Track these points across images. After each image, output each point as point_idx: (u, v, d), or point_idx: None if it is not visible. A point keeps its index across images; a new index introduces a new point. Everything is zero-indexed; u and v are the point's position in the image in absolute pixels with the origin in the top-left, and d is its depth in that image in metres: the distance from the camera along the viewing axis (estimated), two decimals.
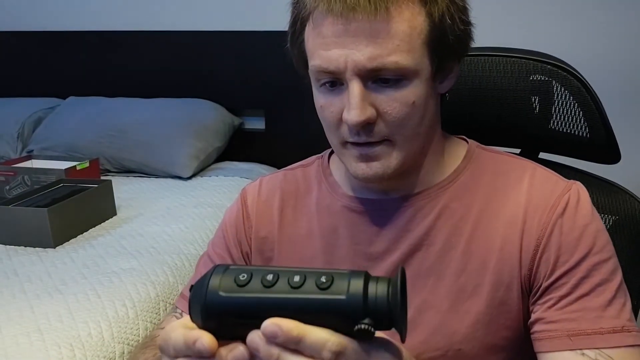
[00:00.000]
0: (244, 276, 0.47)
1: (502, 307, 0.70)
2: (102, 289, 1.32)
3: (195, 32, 2.44)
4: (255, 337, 0.46)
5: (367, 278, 0.47)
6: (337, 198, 0.78)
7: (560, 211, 0.69)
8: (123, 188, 2.07)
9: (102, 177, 2.08)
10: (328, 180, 0.80)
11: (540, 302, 0.69)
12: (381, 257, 0.74)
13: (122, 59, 2.53)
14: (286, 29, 0.73)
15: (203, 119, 2.28)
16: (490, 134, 0.94)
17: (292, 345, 0.46)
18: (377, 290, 0.46)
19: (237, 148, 2.42)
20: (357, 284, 0.46)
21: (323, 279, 0.46)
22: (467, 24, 0.69)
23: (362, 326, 0.45)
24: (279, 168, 0.88)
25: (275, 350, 0.46)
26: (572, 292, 0.67)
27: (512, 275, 0.70)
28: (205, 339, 0.47)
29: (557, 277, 0.68)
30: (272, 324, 0.46)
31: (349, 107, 0.64)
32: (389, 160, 0.68)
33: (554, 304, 0.67)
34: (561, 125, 0.89)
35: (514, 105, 0.90)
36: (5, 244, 1.59)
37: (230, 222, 0.84)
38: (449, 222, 0.73)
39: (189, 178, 2.18)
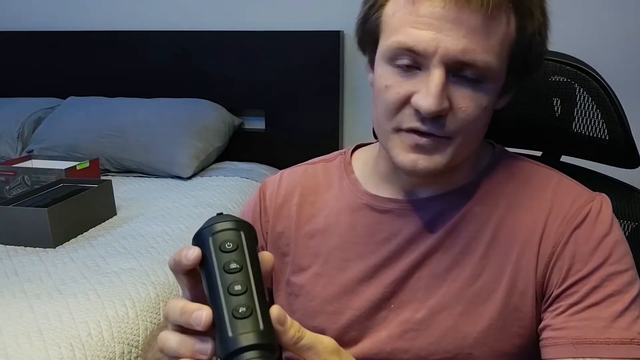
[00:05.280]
0: (229, 245, 0.48)
1: (516, 314, 0.69)
2: (102, 289, 1.32)
3: (195, 32, 2.45)
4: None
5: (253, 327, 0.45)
6: (358, 195, 0.77)
7: (578, 222, 0.68)
8: (123, 188, 2.07)
9: (102, 177, 2.08)
10: (349, 177, 0.79)
11: (550, 309, 0.68)
12: (397, 257, 0.73)
13: (122, 59, 2.53)
14: (287, 29, 0.73)
15: (203, 119, 2.28)
16: (510, 135, 0.92)
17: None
18: (237, 339, 0.45)
19: (237, 148, 2.42)
20: (248, 336, 0.45)
21: (241, 310, 0.45)
22: (547, 44, 0.68)
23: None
24: (279, 168, 0.88)
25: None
26: (582, 300, 0.66)
27: (527, 282, 0.69)
28: (204, 311, 0.49)
29: (568, 285, 0.67)
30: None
31: (426, 93, 0.62)
32: (441, 158, 0.66)
33: (562, 312, 0.66)
34: (583, 127, 0.86)
35: (534, 106, 0.88)
36: (5, 244, 1.58)
37: (247, 214, 0.83)
38: (471, 226, 0.72)
39: (189, 178, 2.18)
